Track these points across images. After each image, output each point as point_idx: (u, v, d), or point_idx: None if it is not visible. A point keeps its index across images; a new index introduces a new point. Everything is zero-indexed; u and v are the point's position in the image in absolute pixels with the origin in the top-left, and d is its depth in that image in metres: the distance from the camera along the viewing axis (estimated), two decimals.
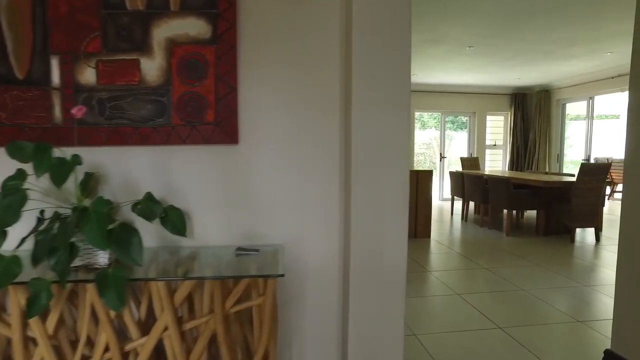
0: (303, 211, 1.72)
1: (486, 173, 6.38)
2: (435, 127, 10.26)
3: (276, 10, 1.65)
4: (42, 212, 1.40)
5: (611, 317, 2.81)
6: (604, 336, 2.54)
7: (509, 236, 5.34)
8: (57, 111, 1.56)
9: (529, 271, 3.86)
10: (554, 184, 5.14)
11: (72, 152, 1.41)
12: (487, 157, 9.23)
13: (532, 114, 8.77)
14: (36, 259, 1.26)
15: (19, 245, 1.28)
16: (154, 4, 1.57)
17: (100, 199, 1.25)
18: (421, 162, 15.11)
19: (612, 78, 7.17)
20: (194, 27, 1.60)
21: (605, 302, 3.11)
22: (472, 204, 7.10)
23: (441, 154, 9.00)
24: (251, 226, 1.70)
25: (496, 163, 9.35)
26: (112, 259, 1.41)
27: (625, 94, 8.04)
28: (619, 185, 8.97)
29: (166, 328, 1.35)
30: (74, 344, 1.40)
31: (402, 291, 1.62)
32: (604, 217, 5.90)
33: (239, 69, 1.65)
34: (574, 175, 6.26)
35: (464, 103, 8.84)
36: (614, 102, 11.67)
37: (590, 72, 7.28)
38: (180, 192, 1.67)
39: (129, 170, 1.64)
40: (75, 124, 1.57)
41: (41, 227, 1.33)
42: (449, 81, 8.12)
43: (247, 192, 1.69)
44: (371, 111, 1.56)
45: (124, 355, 1.37)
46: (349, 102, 1.60)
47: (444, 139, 9.08)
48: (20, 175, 1.31)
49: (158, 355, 1.47)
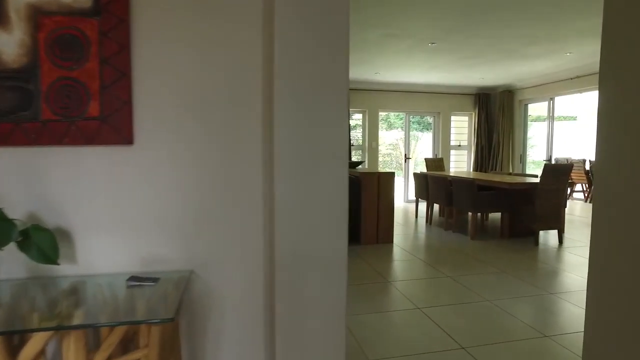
0: (219, 227, 1.38)
1: (451, 174, 6.22)
2: (402, 127, 10.12)
3: None
4: None
5: (580, 330, 2.62)
6: (574, 355, 2.33)
7: (473, 240, 5.17)
8: None
9: (494, 279, 3.66)
10: (518, 185, 5.00)
11: None
12: (452, 158, 9.15)
13: (496, 115, 8.75)
14: None
15: None
16: None
17: None
18: (387, 163, 15.02)
19: (571, 79, 7.19)
20: None
21: (572, 312, 2.92)
22: (437, 206, 6.94)
23: (406, 154, 8.84)
24: (152, 248, 1.35)
25: (461, 164, 9.29)
26: None
27: (583, 95, 8.13)
28: (577, 185, 9.09)
29: None
30: None
31: (341, 330, 1.31)
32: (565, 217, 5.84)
33: (132, 50, 1.29)
34: (536, 176, 6.20)
35: (429, 103, 8.72)
36: (570, 104, 11.93)
37: (551, 73, 7.28)
38: (58, 207, 1.29)
39: None
40: None
41: None
42: (413, 80, 7.95)
43: (146, 206, 1.33)
44: (299, 105, 1.24)
45: None
46: (271, 94, 1.27)
47: (409, 139, 8.92)
48: None
49: None
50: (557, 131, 8.02)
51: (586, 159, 9.73)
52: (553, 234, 5.34)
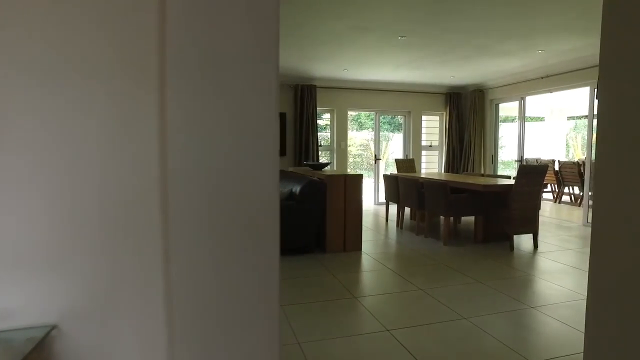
0: (98, 261, 0.95)
1: (422, 176, 5.93)
2: (373, 127, 9.83)
3: None
4: None
5: (570, 353, 2.32)
6: None
7: (446, 245, 4.87)
8: None
9: (470, 291, 3.35)
10: (492, 187, 4.74)
11: None
12: (424, 159, 8.91)
13: (467, 114, 8.57)
14: None
15: None
16: None
17: None
18: (358, 164, 14.75)
19: (541, 78, 7.05)
20: None
21: (559, 331, 2.62)
22: (408, 208, 6.65)
23: (376, 155, 8.53)
24: None
25: (432, 164, 9.07)
26: None
27: (551, 96, 8.05)
28: (547, 186, 9.04)
29: None
30: None
31: None
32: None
33: None
34: (509, 177, 5.99)
35: (399, 102, 8.45)
36: (538, 105, 12.00)
37: (522, 72, 7.14)
38: None
39: None
40: None
41: None
42: (383, 78, 7.66)
43: None
44: (203, 92, 0.83)
45: None
46: (165, 73, 0.85)
47: (379, 140, 8.62)
48: None
49: None
50: (526, 131, 7.90)
51: (555, 159, 9.73)
52: (527, 237, 5.13)
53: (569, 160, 10.79)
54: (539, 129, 12.71)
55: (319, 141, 7.88)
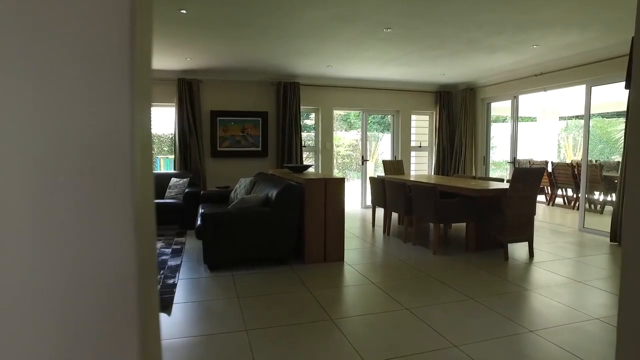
0: None
1: (410, 179, 5.56)
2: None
3: None
4: None
5: None
6: None
7: (436, 255, 4.51)
8: None
9: (462, 310, 2.98)
10: (485, 192, 4.39)
11: None
12: (413, 160, 8.55)
13: (458, 114, 8.24)
14: None
15: None
16: None
17: None
18: (347, 165, 14.37)
19: (535, 76, 6.73)
20: None
21: None
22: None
23: (363, 156, 8.16)
24: None
25: (422, 166, 8.72)
26: None
27: (545, 94, 7.74)
28: (541, 188, 8.73)
29: None
30: None
31: None
32: None
33: None
34: (502, 180, 5.65)
35: (387, 101, 8.08)
36: (529, 105, 11.72)
37: (515, 69, 6.81)
38: None
39: None
40: None
41: None
42: (369, 75, 7.29)
43: None
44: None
45: None
46: None
47: (366, 140, 8.24)
48: None
49: None
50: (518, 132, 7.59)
51: (548, 160, 9.44)
52: (522, 244, 4.79)
53: (561, 161, 10.52)
54: (530, 129, 12.44)
55: (303, 142, 7.49)
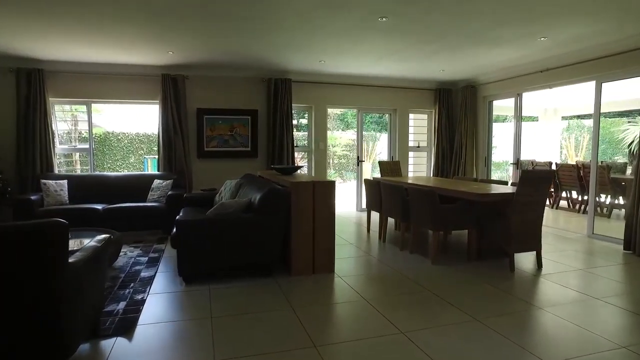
0: None
1: (408, 181, 5.18)
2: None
3: None
4: None
5: None
6: None
7: (435, 265, 4.13)
8: None
9: (464, 334, 2.60)
10: (490, 197, 4.01)
11: None
12: (411, 161, 8.17)
13: (458, 113, 7.86)
14: None
15: None
16: None
17: None
18: (344, 165, 13.98)
19: (540, 72, 6.35)
20: None
21: None
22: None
23: (359, 157, 7.77)
24: None
25: (420, 167, 8.34)
26: None
27: (548, 93, 7.35)
28: None
29: None
30: None
31: None
32: None
33: None
34: (505, 183, 5.27)
35: (384, 98, 7.70)
36: (531, 104, 11.34)
37: (518, 65, 6.43)
38: None
39: None
40: None
41: None
42: (365, 72, 6.90)
43: None
44: None
45: None
46: None
47: (362, 139, 7.86)
48: None
49: None
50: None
51: (552, 161, 9.08)
52: (529, 253, 4.41)
53: (563, 162, 10.16)
54: (532, 129, 12.09)
55: (296, 141, 7.10)
